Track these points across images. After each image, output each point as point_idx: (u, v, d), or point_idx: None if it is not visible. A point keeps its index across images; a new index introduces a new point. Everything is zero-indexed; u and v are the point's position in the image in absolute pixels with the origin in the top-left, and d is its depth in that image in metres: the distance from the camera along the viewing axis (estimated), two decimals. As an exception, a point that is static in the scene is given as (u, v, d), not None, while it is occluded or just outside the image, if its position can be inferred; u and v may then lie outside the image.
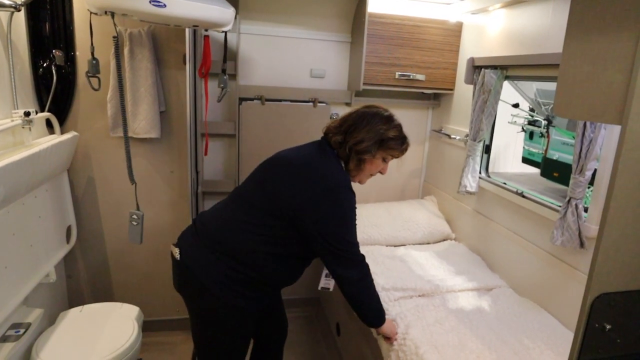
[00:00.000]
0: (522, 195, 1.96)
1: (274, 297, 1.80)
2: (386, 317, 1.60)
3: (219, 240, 1.46)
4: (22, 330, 1.71)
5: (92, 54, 1.75)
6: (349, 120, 1.50)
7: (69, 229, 2.25)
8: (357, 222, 1.49)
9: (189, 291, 1.51)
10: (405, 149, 1.56)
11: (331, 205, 1.40)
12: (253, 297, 1.49)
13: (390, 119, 1.52)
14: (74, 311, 1.91)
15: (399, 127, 1.53)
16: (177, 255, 1.49)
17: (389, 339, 1.62)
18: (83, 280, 2.46)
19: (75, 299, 2.42)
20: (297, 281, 1.66)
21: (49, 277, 2.01)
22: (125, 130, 1.85)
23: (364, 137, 1.45)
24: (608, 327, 0.79)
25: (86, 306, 1.95)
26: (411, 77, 2.47)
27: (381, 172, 1.59)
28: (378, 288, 1.85)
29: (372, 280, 1.53)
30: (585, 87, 0.77)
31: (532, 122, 2.35)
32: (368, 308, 1.54)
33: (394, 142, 1.50)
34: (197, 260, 1.46)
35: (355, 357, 2.04)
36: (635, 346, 0.82)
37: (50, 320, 1.88)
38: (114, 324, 1.82)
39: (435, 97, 2.79)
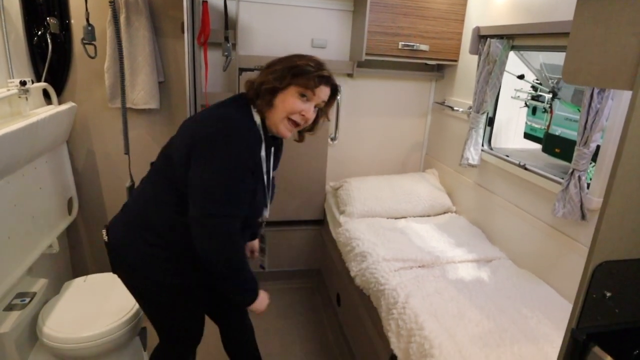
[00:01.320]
0: (524, 167, 1.95)
1: None
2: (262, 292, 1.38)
3: (138, 217, 1.35)
4: (27, 299, 1.73)
5: (87, 20, 1.70)
6: (270, 62, 1.35)
7: (70, 201, 2.25)
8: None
9: (121, 273, 1.41)
10: (320, 78, 1.28)
11: (211, 158, 1.18)
12: (185, 273, 1.37)
13: (305, 55, 1.34)
14: (78, 281, 1.93)
15: (315, 60, 1.31)
16: (105, 237, 1.38)
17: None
18: (86, 251, 2.49)
19: (79, 269, 2.45)
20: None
21: (52, 248, 2.03)
22: (123, 98, 1.82)
23: (275, 69, 1.28)
24: (608, 294, 0.80)
25: (90, 276, 1.97)
26: (415, 47, 2.42)
27: (304, 116, 1.30)
28: (379, 259, 1.87)
29: (237, 257, 1.28)
30: (597, 52, 0.75)
31: (535, 97, 2.31)
32: (235, 286, 1.33)
33: (304, 69, 1.26)
34: (122, 240, 1.36)
35: (355, 326, 2.08)
36: (633, 315, 0.83)
37: (55, 290, 1.90)
38: (118, 293, 1.84)
39: (438, 68, 2.74)
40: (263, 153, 1.31)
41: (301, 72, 1.26)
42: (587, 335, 0.79)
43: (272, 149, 1.40)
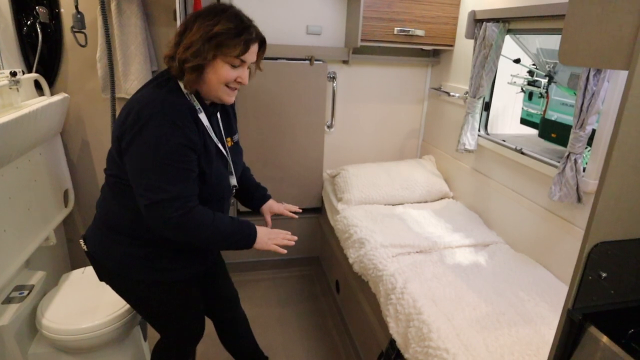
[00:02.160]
0: (521, 152, 1.95)
1: (206, 265, 1.51)
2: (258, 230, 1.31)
3: (106, 221, 1.32)
4: (25, 292, 1.73)
5: (77, 7, 1.67)
6: (180, 28, 1.20)
7: (66, 193, 2.24)
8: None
9: (107, 280, 1.38)
10: (247, 42, 1.17)
11: (136, 144, 1.12)
12: (169, 269, 1.34)
13: (218, 11, 1.17)
14: (76, 273, 1.93)
15: (231, 17, 1.17)
16: (84, 247, 1.36)
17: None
18: (84, 243, 2.48)
19: (77, 261, 2.45)
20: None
21: (49, 241, 2.02)
22: (112, 83, 1.78)
23: (192, 40, 1.14)
24: (604, 275, 0.80)
25: (88, 268, 1.97)
26: (410, 32, 2.40)
27: (240, 82, 1.23)
28: (377, 245, 1.88)
29: (203, 229, 1.19)
30: (593, 31, 0.74)
31: (531, 83, 2.31)
32: (223, 244, 1.29)
33: (226, 36, 1.14)
34: (98, 247, 1.33)
35: (354, 312, 2.09)
36: (628, 295, 0.83)
37: (53, 282, 1.90)
38: (117, 284, 1.85)
39: (434, 53, 2.72)
40: (206, 122, 1.24)
41: (224, 41, 1.14)
42: (583, 315, 0.79)
43: (218, 114, 1.35)
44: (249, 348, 1.77)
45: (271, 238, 1.33)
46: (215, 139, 1.28)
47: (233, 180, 1.39)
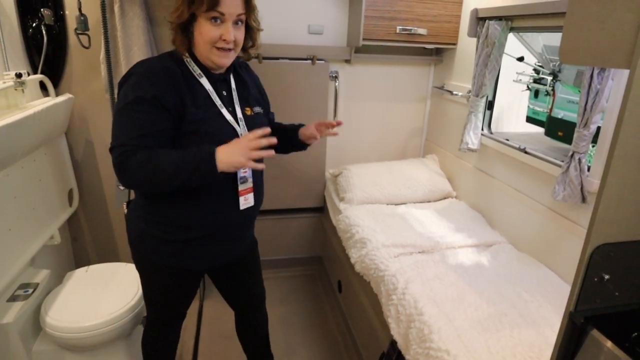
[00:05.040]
0: (524, 151, 1.93)
1: (219, 263, 1.48)
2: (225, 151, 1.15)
3: (137, 193, 1.38)
4: (30, 290, 1.75)
5: (80, 9, 1.68)
6: None
7: (70, 192, 2.26)
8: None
9: (130, 247, 1.42)
10: None
11: (117, 98, 1.23)
12: (182, 256, 1.35)
13: None
14: (80, 271, 1.95)
15: None
16: (125, 210, 1.47)
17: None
18: (88, 242, 2.50)
19: (81, 260, 2.47)
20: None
21: (54, 239, 2.04)
22: (111, 85, 1.80)
23: (177, 3, 1.20)
24: (606, 277, 0.79)
25: (91, 266, 1.99)
26: (412, 31, 2.39)
27: (225, 40, 1.21)
28: (378, 245, 1.87)
29: (144, 163, 1.13)
30: (593, 30, 0.73)
31: (537, 80, 2.28)
32: (177, 179, 1.15)
33: None
34: (129, 215, 1.40)
35: (356, 312, 2.09)
36: (632, 297, 0.82)
37: (58, 280, 1.92)
38: (119, 282, 1.86)
39: (437, 52, 2.71)
40: (208, 86, 1.26)
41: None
42: (585, 318, 0.78)
43: (233, 84, 1.35)
44: (259, 348, 1.80)
45: (239, 160, 1.14)
46: (219, 103, 1.28)
47: None
